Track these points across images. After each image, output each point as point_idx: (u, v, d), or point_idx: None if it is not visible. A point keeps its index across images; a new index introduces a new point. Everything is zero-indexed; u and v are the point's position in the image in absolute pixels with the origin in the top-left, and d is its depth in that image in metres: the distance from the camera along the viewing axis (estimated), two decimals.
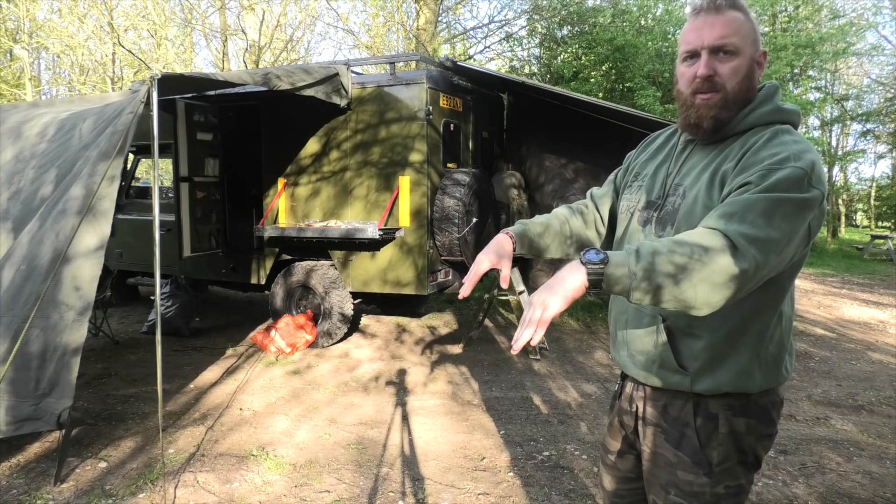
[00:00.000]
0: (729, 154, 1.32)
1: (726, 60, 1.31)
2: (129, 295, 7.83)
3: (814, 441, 3.75)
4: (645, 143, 1.64)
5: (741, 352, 1.31)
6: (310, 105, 5.46)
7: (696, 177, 1.36)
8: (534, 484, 3.18)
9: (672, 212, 1.37)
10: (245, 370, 5.16)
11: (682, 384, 1.35)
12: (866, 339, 6.56)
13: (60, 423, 3.06)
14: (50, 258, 3.05)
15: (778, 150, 1.23)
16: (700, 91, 1.33)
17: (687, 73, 1.35)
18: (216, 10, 13.76)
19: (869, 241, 15.64)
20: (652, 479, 1.44)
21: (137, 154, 7.40)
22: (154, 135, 3.26)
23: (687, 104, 1.36)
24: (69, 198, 3.14)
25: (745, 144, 1.30)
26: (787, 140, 1.26)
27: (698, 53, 1.33)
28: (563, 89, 6.60)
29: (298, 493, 3.08)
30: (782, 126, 1.32)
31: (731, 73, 1.31)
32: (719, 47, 1.30)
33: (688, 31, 1.35)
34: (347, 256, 5.77)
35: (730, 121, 1.34)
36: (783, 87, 10.54)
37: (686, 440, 1.36)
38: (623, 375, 1.56)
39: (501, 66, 13.35)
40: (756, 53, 1.34)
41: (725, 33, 1.30)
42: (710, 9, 1.31)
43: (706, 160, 1.36)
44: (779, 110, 1.33)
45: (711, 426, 1.34)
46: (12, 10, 13.77)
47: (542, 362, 5.49)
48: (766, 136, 1.29)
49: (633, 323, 1.44)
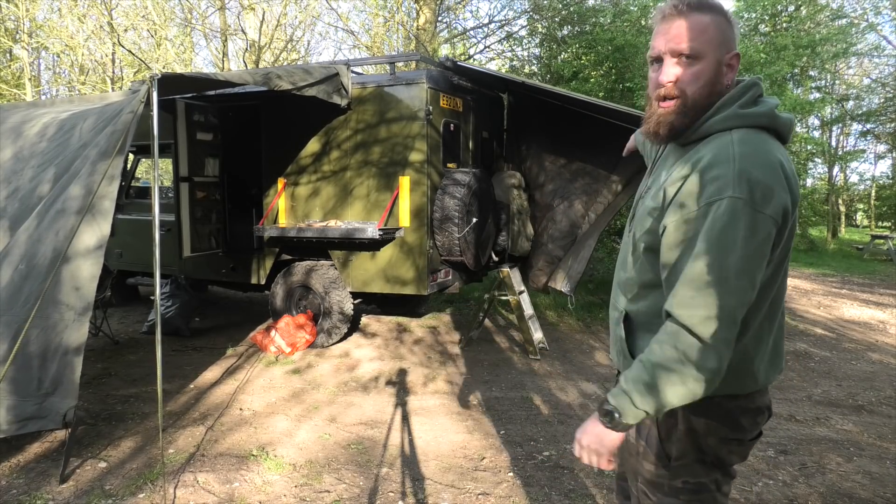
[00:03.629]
0: (679, 165, 1.31)
1: (687, 65, 1.29)
2: (129, 295, 7.83)
3: (814, 441, 3.75)
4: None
5: None
6: (310, 105, 5.46)
7: (656, 180, 1.41)
8: (534, 484, 3.18)
9: (636, 215, 1.44)
10: (245, 370, 5.16)
11: None
12: (866, 339, 6.56)
13: (66, 423, 3.07)
14: (49, 257, 3.05)
15: (718, 174, 1.20)
16: (660, 98, 1.32)
17: (652, 78, 1.35)
18: (216, 10, 13.75)
19: (869, 241, 15.64)
20: (626, 466, 1.54)
21: (137, 154, 7.40)
22: (154, 135, 3.25)
23: (651, 111, 1.36)
24: (68, 197, 3.13)
25: (693, 158, 1.28)
26: (729, 155, 1.21)
27: (661, 59, 1.31)
28: (563, 89, 6.59)
29: (298, 493, 3.08)
30: (738, 132, 1.26)
31: (691, 78, 1.29)
32: (680, 52, 1.28)
33: (654, 36, 1.34)
34: (347, 256, 5.76)
35: (686, 128, 1.31)
36: (783, 87, 10.53)
37: (649, 432, 1.43)
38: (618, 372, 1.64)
39: (501, 66, 13.34)
40: (726, 56, 1.30)
41: (686, 37, 1.27)
42: (673, 13, 1.30)
43: (669, 166, 1.37)
44: (736, 116, 1.28)
45: (672, 422, 1.39)
46: (12, 9, 13.77)
47: (541, 362, 5.49)
48: (709, 154, 1.25)
49: (610, 317, 1.55)
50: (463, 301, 7.94)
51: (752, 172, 1.18)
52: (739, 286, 1.17)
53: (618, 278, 1.51)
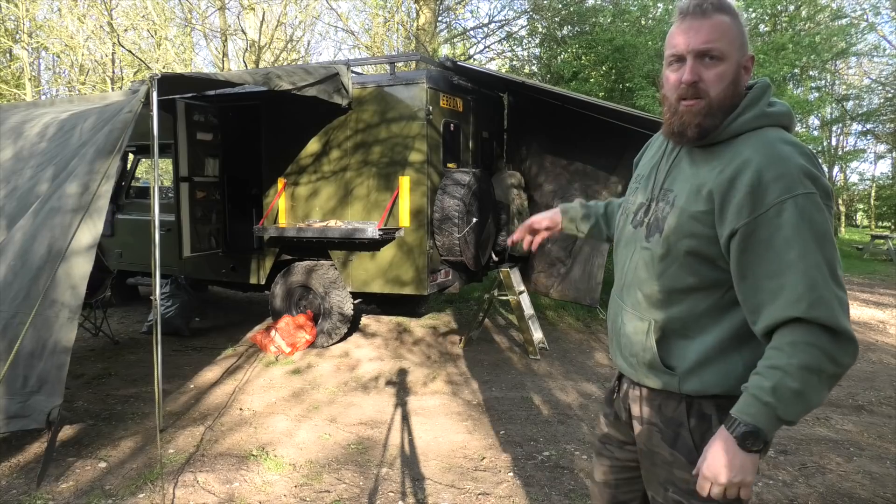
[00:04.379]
0: (717, 166, 1.30)
1: (712, 66, 1.28)
2: (129, 295, 7.82)
3: (814, 441, 3.75)
4: (646, 145, 1.65)
5: (730, 356, 1.32)
6: (310, 105, 5.46)
7: (683, 183, 1.36)
8: (534, 484, 3.18)
9: (661, 219, 1.37)
10: (245, 370, 5.16)
11: (671, 384, 1.37)
12: (866, 339, 6.56)
13: (50, 422, 2.98)
14: (43, 255, 3.03)
15: (780, 171, 1.20)
16: (685, 97, 1.31)
17: (672, 78, 1.33)
18: (216, 10, 13.76)
19: (869, 241, 15.64)
20: (650, 476, 1.46)
21: (137, 154, 7.40)
22: (154, 135, 3.26)
23: (672, 110, 1.34)
24: (64, 195, 3.12)
25: (735, 159, 1.27)
26: (781, 154, 1.23)
27: (684, 58, 1.30)
28: (563, 89, 6.59)
29: (298, 493, 3.08)
30: (770, 131, 1.29)
31: (716, 79, 1.29)
32: (705, 52, 1.28)
33: (674, 35, 1.32)
34: (347, 256, 5.76)
35: (715, 128, 1.31)
36: (783, 87, 10.54)
37: (681, 440, 1.38)
38: (620, 376, 1.58)
39: (501, 66, 13.35)
40: (743, 58, 1.31)
41: (711, 38, 1.27)
42: (697, 13, 1.28)
43: (695, 167, 1.35)
44: (765, 115, 1.31)
45: (705, 426, 1.35)
46: (12, 9, 13.77)
47: (541, 362, 5.49)
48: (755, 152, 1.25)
49: (628, 325, 1.45)
50: (463, 301, 7.94)
51: (810, 169, 1.21)
52: (842, 276, 1.20)
53: (633, 286, 1.44)
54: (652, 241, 1.38)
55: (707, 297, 1.33)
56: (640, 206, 1.46)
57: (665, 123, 1.38)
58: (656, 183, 1.44)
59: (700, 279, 1.32)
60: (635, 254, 1.44)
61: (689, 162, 1.37)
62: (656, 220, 1.38)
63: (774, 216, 1.19)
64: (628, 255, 1.47)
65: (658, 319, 1.37)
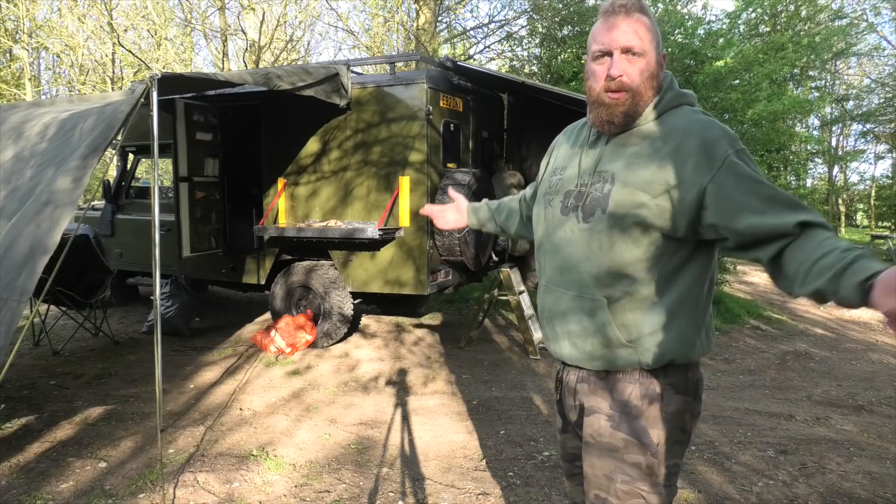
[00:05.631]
0: (654, 141, 1.40)
1: (634, 61, 1.40)
2: (129, 295, 7.83)
3: (814, 441, 3.75)
4: (564, 133, 1.71)
5: (681, 319, 1.39)
6: (310, 105, 5.46)
7: (619, 161, 1.43)
8: (534, 484, 3.18)
9: (601, 197, 1.42)
10: (245, 370, 5.16)
11: (631, 358, 1.40)
12: (866, 338, 6.56)
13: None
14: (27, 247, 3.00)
15: (715, 134, 1.36)
16: (610, 90, 1.41)
17: (598, 71, 1.43)
18: (216, 10, 13.76)
19: (869, 241, 15.64)
20: (592, 474, 1.48)
21: (137, 154, 7.40)
22: (154, 135, 3.25)
23: (598, 101, 1.44)
24: (54, 189, 3.12)
25: (673, 132, 1.39)
26: (706, 121, 1.40)
27: (610, 53, 1.41)
28: (563, 89, 6.59)
29: (298, 493, 3.08)
30: (688, 108, 1.46)
31: (638, 74, 1.40)
32: (629, 48, 1.39)
33: (599, 31, 1.42)
34: (347, 256, 5.76)
35: (638, 116, 1.43)
36: (783, 87, 10.54)
37: (634, 421, 1.41)
38: (561, 370, 1.59)
39: (501, 66, 13.34)
40: (659, 55, 1.44)
41: (635, 36, 1.39)
42: (621, 11, 1.40)
43: (627, 147, 1.44)
44: (680, 95, 1.47)
45: (657, 406, 1.40)
46: (12, 9, 13.77)
47: (541, 362, 5.49)
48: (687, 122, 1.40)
49: (574, 311, 1.46)
50: (463, 301, 7.94)
51: (729, 132, 1.38)
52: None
53: (573, 269, 1.45)
54: (592, 220, 1.42)
55: (654, 267, 1.38)
56: (569, 193, 1.50)
57: (591, 113, 1.48)
58: (585, 169, 1.50)
59: (644, 249, 1.38)
60: (573, 238, 1.46)
61: (619, 144, 1.46)
62: (595, 199, 1.43)
63: (732, 165, 1.32)
64: (563, 241, 1.49)
65: (609, 296, 1.41)
